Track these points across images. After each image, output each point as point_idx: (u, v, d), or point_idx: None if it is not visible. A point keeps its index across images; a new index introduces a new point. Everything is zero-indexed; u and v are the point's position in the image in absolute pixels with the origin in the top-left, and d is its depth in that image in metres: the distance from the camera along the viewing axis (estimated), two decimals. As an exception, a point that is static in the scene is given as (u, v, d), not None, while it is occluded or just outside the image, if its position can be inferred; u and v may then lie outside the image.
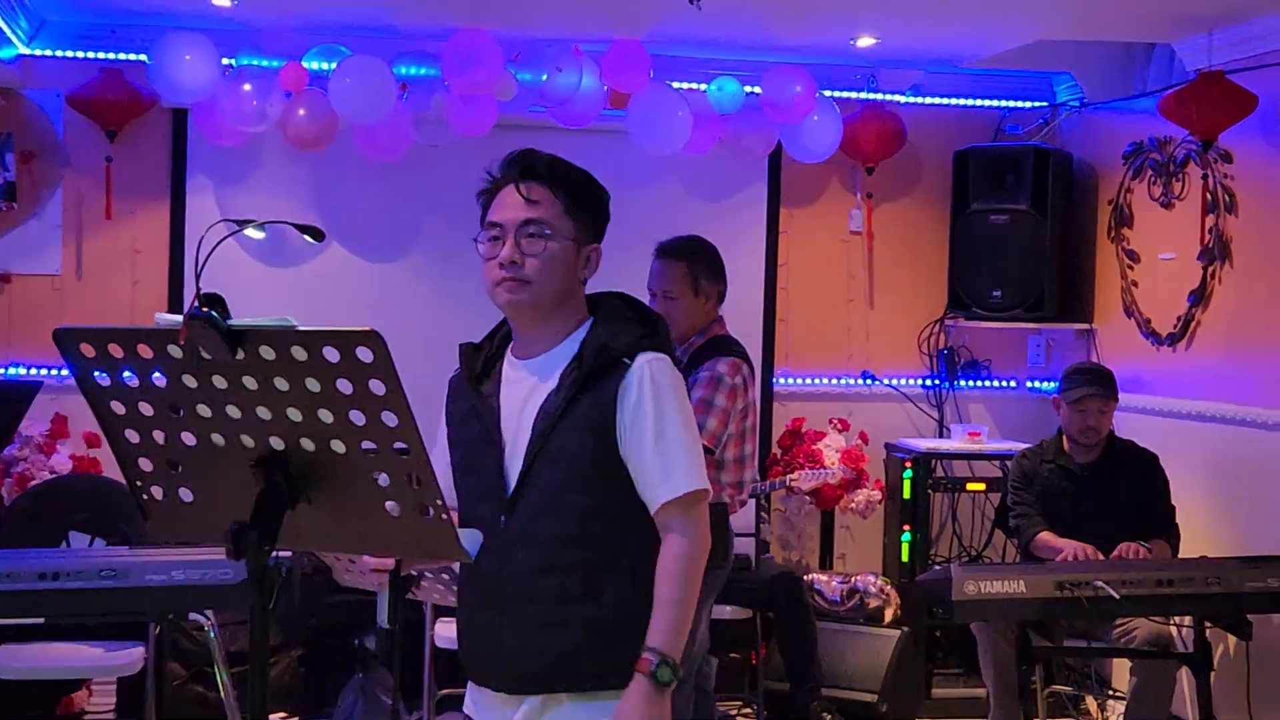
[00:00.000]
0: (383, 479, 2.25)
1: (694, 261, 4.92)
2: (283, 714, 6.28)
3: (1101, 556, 5.33)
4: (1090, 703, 6.51)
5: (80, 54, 6.57)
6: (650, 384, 2.79)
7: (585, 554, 2.79)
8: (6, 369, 6.57)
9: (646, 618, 2.76)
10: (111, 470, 3.46)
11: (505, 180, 2.89)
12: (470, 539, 2.41)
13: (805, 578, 6.67)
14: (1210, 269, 6.23)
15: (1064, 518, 5.56)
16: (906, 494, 6.94)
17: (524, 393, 2.87)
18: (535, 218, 2.84)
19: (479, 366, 2.95)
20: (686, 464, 2.80)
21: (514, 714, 2.84)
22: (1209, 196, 6.21)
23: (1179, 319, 6.43)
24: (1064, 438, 5.74)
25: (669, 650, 2.71)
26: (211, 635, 5.14)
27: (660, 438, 2.78)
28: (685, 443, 2.81)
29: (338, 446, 2.22)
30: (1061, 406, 5.70)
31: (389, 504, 2.27)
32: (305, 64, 6.42)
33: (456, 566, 3.22)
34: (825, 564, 7.19)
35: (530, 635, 2.80)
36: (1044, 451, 5.77)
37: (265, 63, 6.43)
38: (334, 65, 6.34)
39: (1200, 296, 6.30)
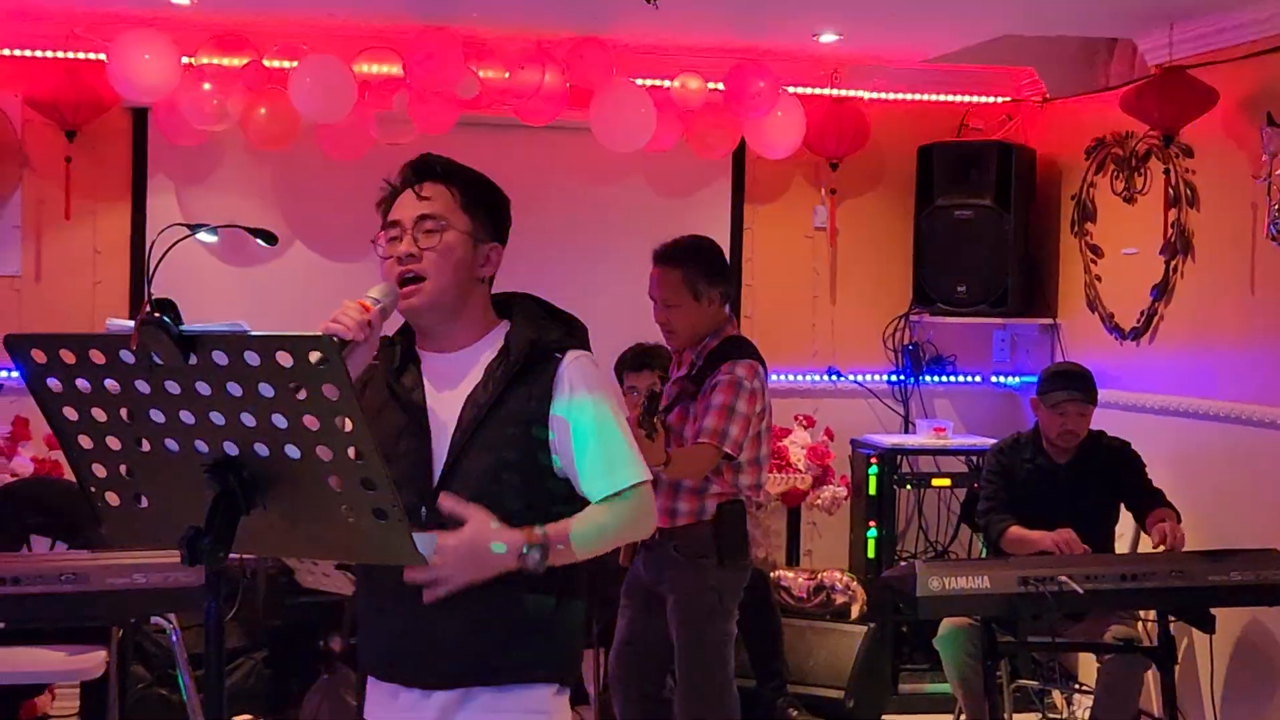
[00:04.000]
0: (337, 483, 2.24)
1: (689, 267, 4.82)
2: (248, 716, 6.25)
3: (1081, 545, 5.29)
4: (1057, 697, 6.54)
5: (39, 54, 6.51)
6: (583, 380, 2.83)
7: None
8: (-34, 371, 6.54)
9: (566, 613, 2.84)
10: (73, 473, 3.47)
11: (403, 184, 2.93)
12: (426, 543, 2.40)
13: (772, 574, 6.67)
14: (1173, 263, 6.26)
15: (1042, 516, 5.49)
16: (872, 490, 6.96)
17: (446, 384, 2.86)
18: (430, 212, 2.86)
19: (397, 359, 2.93)
20: (627, 458, 2.84)
21: (426, 709, 2.81)
22: (1171, 191, 6.23)
23: (1142, 313, 6.46)
24: (1043, 438, 5.70)
25: (556, 541, 2.70)
26: (173, 638, 5.11)
27: (599, 434, 2.82)
28: (622, 437, 2.86)
29: (292, 451, 2.21)
30: (1040, 408, 5.65)
31: (343, 508, 2.26)
32: (266, 63, 6.38)
33: None
34: (792, 560, 7.19)
35: (452, 631, 2.77)
36: (1022, 449, 5.71)
37: (226, 61, 6.38)
38: (295, 64, 6.31)
39: (1163, 291, 6.32)
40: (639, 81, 6.75)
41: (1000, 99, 7.45)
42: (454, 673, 2.81)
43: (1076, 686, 6.44)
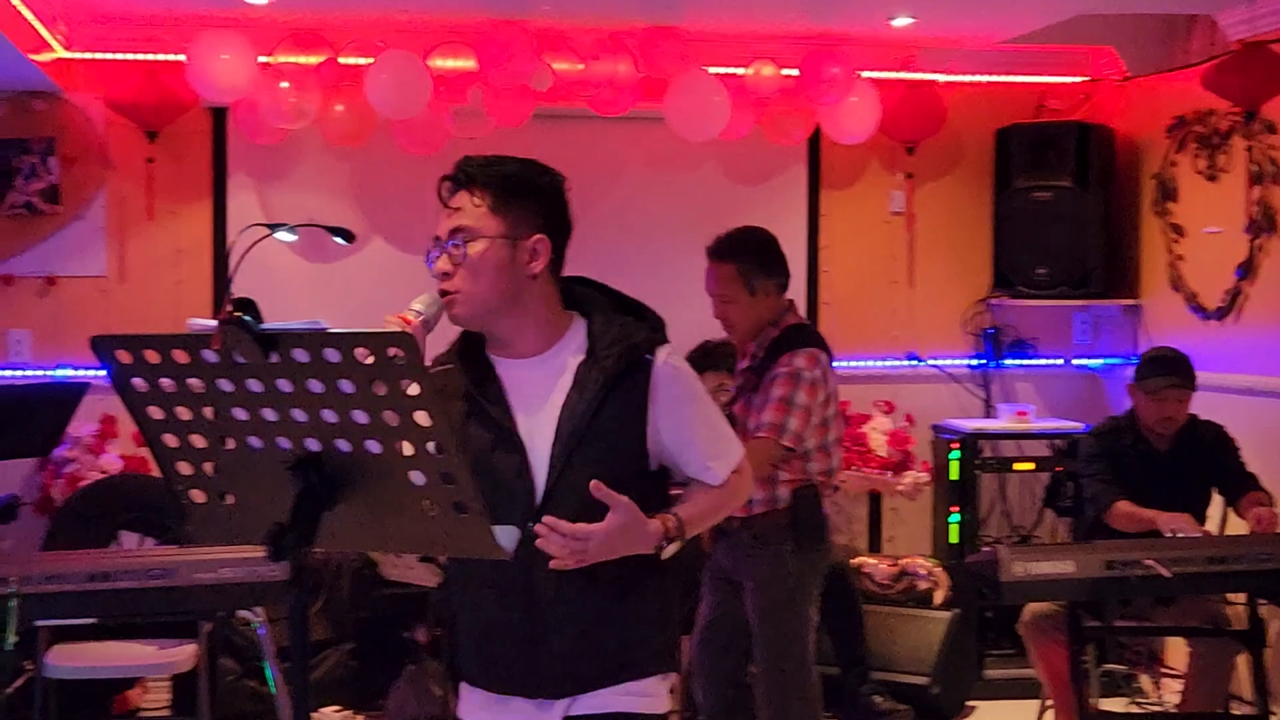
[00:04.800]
0: (418, 478, 2.24)
1: (742, 260, 4.77)
2: (336, 707, 6.32)
3: (1200, 527, 5.22)
4: (1145, 681, 6.47)
5: (119, 56, 6.60)
6: (678, 379, 2.86)
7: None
8: (55, 371, 6.64)
9: (670, 599, 2.90)
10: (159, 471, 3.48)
11: (440, 199, 2.89)
12: (506, 535, 2.41)
13: (854, 561, 6.65)
14: (1257, 241, 6.17)
15: (1143, 502, 5.39)
16: (954, 475, 6.91)
17: (533, 394, 2.81)
18: (457, 226, 2.80)
19: (474, 369, 2.87)
20: (729, 439, 2.98)
21: (544, 716, 2.80)
22: (1254, 168, 6.15)
23: (1226, 293, 6.38)
24: (1138, 422, 5.57)
25: (685, 525, 2.79)
26: (260, 631, 5.16)
27: (705, 424, 2.91)
28: (720, 420, 2.99)
29: (373, 447, 2.22)
30: (1137, 394, 5.52)
31: (425, 503, 2.27)
32: (342, 60, 6.44)
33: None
34: (874, 547, 7.16)
35: (574, 639, 2.76)
36: (1122, 434, 5.58)
37: (302, 59, 6.44)
38: (370, 60, 6.36)
39: (1248, 269, 6.24)
40: (713, 70, 6.74)
41: (1079, 79, 7.37)
42: (579, 678, 2.79)
43: (1165, 671, 6.37)
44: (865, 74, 6.92)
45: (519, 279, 2.80)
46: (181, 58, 6.41)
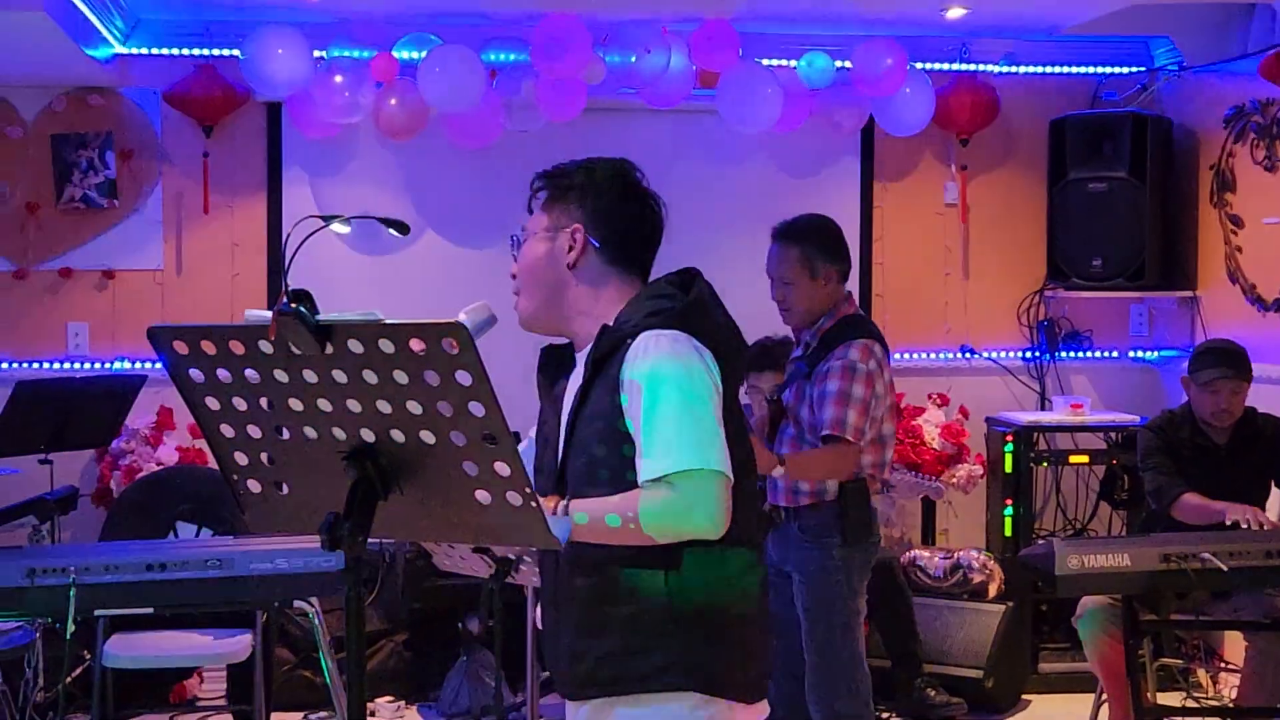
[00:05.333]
0: (472, 468, 2.25)
1: (808, 244, 4.77)
2: (389, 697, 6.35)
3: (1272, 520, 5.16)
4: (1202, 676, 6.43)
5: (175, 51, 6.66)
6: (645, 358, 2.67)
7: (612, 551, 2.69)
8: (112, 363, 6.70)
9: (686, 614, 2.68)
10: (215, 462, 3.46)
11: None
12: (559, 526, 2.42)
13: (908, 554, 6.63)
14: (1317, 232, 6.11)
15: (1202, 494, 5.36)
16: (1008, 468, 6.87)
17: (574, 383, 2.86)
18: (521, 228, 2.94)
19: (555, 366, 2.95)
20: (675, 441, 2.63)
21: (579, 718, 2.81)
22: (1313, 158, 6.09)
23: (1286, 284, 6.31)
24: (1195, 415, 5.50)
25: (574, 514, 2.63)
26: (316, 622, 5.20)
27: (652, 416, 2.65)
28: (673, 417, 2.64)
29: (427, 437, 2.23)
30: (1190, 386, 5.46)
31: (479, 493, 2.27)
32: (395, 54, 6.47)
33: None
34: (927, 540, 7.14)
35: (573, 638, 2.77)
36: (1179, 427, 5.52)
37: (356, 54, 6.47)
38: (424, 54, 6.38)
39: (1307, 261, 6.17)
40: (765, 61, 6.73)
41: (1134, 69, 7.32)
42: (576, 682, 2.79)
43: (1222, 665, 6.32)
44: (918, 65, 6.89)
45: (558, 273, 2.86)
46: (237, 53, 6.46)
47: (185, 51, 6.66)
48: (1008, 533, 6.85)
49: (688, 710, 2.70)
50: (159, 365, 2.28)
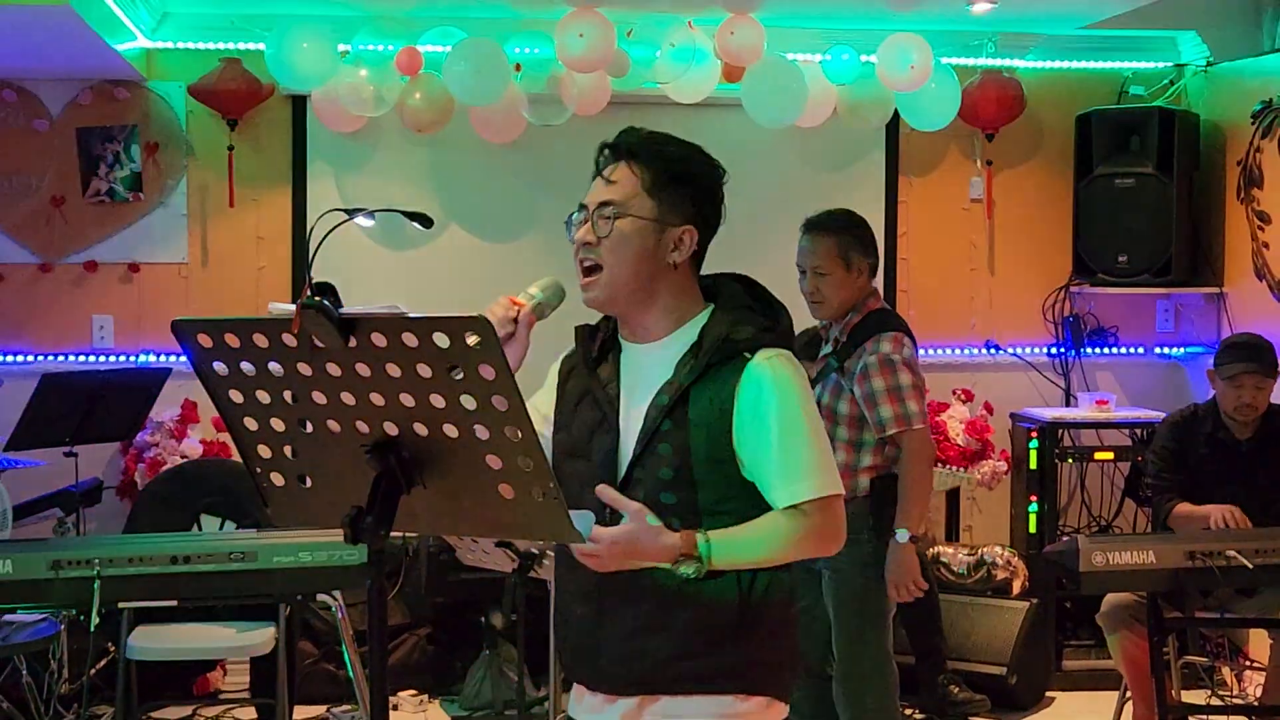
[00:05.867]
0: (495, 462, 2.24)
1: (844, 236, 4.77)
2: (412, 691, 6.36)
3: (1247, 519, 5.16)
4: (1227, 674, 6.40)
5: (201, 45, 6.68)
6: (772, 381, 2.67)
7: None
8: (137, 356, 6.72)
9: (750, 617, 2.70)
10: (239, 455, 3.45)
11: (597, 167, 2.82)
12: (583, 520, 2.41)
13: (931, 550, 6.61)
14: (1345, 228, 6.07)
15: (1220, 492, 5.32)
16: (1033, 464, 6.85)
17: (640, 380, 2.77)
18: (610, 199, 2.74)
19: (595, 350, 2.86)
20: (810, 466, 2.67)
21: (611, 714, 2.78)
22: (1342, 154, 6.05)
23: (1313, 281, 6.28)
24: (1218, 410, 5.49)
25: (714, 557, 2.60)
26: (338, 615, 5.21)
27: (785, 442, 2.66)
28: (808, 445, 2.68)
29: (450, 431, 2.22)
30: (1216, 381, 5.43)
31: (502, 487, 2.27)
32: (420, 47, 6.46)
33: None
34: (951, 536, 7.12)
35: (630, 638, 2.72)
36: (1200, 423, 5.51)
37: (381, 47, 6.47)
38: (449, 48, 6.38)
39: (1334, 257, 6.14)
40: (791, 56, 6.71)
41: (1162, 64, 7.28)
42: (630, 679, 2.75)
43: (1247, 663, 6.29)
44: (944, 60, 6.87)
45: (659, 266, 2.76)
46: (262, 46, 6.47)
47: (211, 45, 6.67)
48: (1032, 529, 6.83)
49: (731, 705, 2.72)
50: (183, 358, 2.27)
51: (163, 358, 6.62)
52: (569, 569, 2.80)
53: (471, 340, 2.12)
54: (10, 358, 6.70)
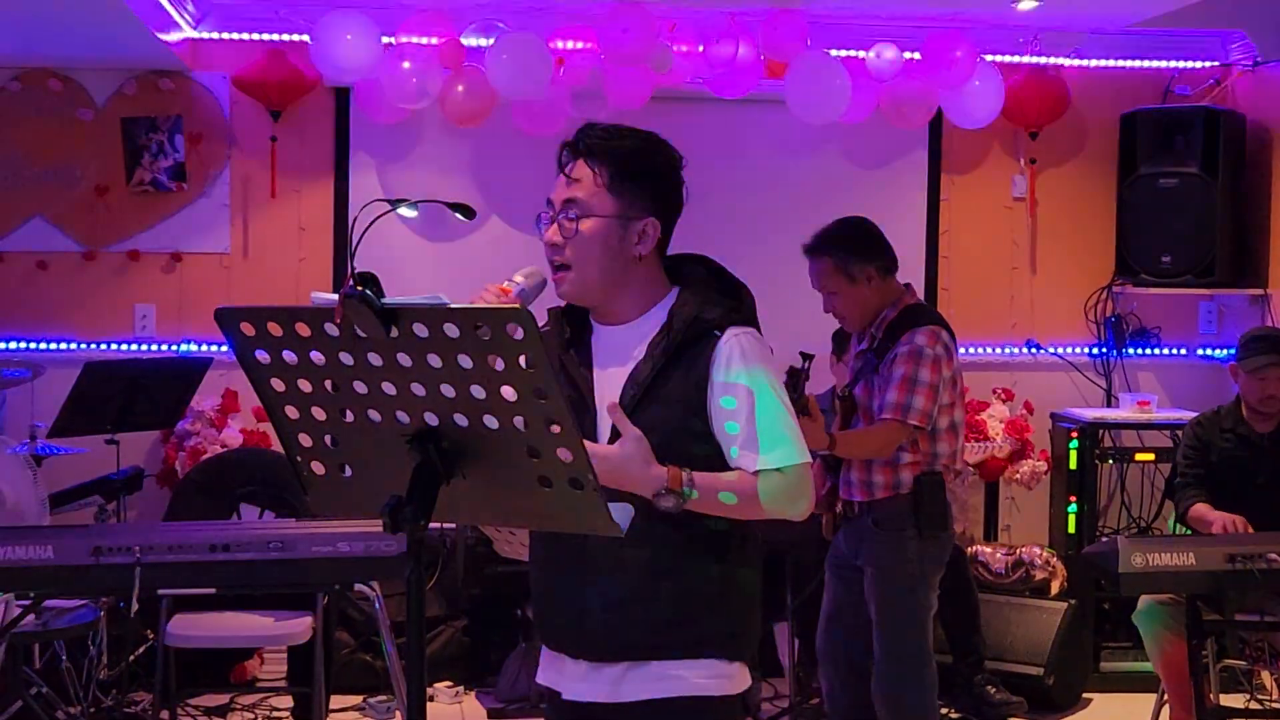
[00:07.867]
0: (534, 453, 2.25)
1: (836, 253, 4.77)
2: (448, 683, 6.38)
3: (1250, 528, 5.13)
4: (1266, 678, 6.35)
5: (245, 35, 6.70)
6: (742, 356, 2.78)
7: (673, 526, 2.75)
8: (179, 345, 6.76)
9: (735, 585, 2.85)
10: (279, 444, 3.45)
11: (559, 164, 2.88)
12: (622, 513, 2.41)
13: (969, 550, 6.58)
14: (1392, 231, 6.01)
15: (1239, 489, 5.31)
16: (1073, 465, 6.82)
17: (613, 360, 2.86)
18: (572, 197, 2.83)
19: (568, 330, 2.93)
20: (780, 435, 2.78)
21: (598, 680, 2.84)
22: (1390, 155, 5.99)
23: (1358, 283, 6.22)
24: (1243, 406, 5.48)
25: (697, 488, 2.70)
26: (376, 606, 5.23)
27: (757, 411, 2.77)
28: (780, 415, 2.79)
29: (490, 422, 2.23)
30: (1239, 374, 5.41)
31: (540, 478, 2.28)
32: (463, 40, 6.48)
33: None
34: (990, 536, 7.09)
35: (617, 607, 2.80)
36: (1222, 419, 5.49)
37: (424, 40, 6.49)
38: (491, 41, 6.39)
39: (1381, 259, 6.08)
40: (834, 52, 6.69)
41: (1208, 63, 7.23)
42: (621, 646, 2.82)
43: (1288, 668, 6.24)
44: (988, 57, 6.84)
45: (626, 259, 2.85)
46: (306, 37, 6.49)
47: (255, 36, 6.70)
48: (1071, 530, 6.79)
49: (721, 668, 2.84)
50: (225, 348, 2.29)
51: (204, 347, 6.65)
52: (548, 541, 2.90)
53: (513, 332, 2.13)
54: (53, 345, 6.73)
